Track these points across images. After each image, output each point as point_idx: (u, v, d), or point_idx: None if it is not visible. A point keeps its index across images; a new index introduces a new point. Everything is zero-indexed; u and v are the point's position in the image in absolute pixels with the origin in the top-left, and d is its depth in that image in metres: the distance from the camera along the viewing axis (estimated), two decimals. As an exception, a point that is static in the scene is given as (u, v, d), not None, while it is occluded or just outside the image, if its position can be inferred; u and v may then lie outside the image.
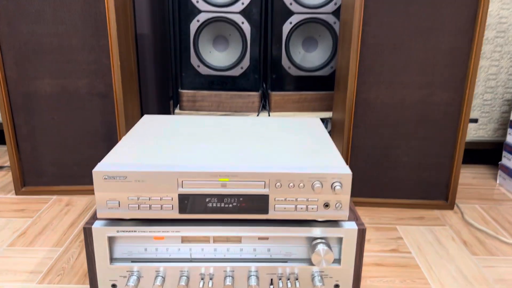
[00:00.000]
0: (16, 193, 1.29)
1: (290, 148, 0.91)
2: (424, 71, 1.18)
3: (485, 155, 1.62)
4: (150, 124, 1.06)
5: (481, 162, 1.64)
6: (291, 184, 0.80)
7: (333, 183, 0.80)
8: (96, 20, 1.18)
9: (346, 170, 0.80)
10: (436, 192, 1.28)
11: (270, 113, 1.73)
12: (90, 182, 1.31)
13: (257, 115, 1.73)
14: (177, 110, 1.75)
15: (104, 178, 0.79)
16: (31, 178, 1.30)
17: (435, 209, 1.28)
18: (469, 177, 1.52)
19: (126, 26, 1.29)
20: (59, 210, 1.22)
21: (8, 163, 1.55)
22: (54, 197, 1.30)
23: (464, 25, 1.14)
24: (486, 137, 1.54)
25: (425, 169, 1.26)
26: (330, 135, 1.69)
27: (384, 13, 1.14)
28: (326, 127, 1.84)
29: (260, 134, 1.01)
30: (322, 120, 1.87)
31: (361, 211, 1.26)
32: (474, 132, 1.54)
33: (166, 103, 2.06)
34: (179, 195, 0.80)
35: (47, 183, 1.31)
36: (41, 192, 1.30)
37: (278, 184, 0.80)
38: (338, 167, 0.82)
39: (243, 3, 1.59)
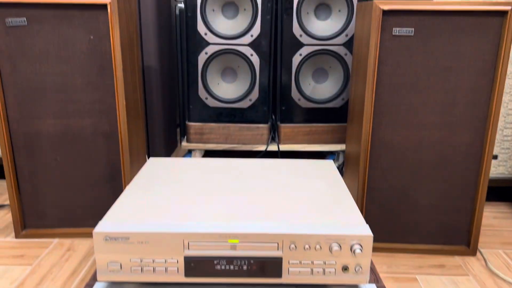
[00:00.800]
0: (16, 236, 1.24)
1: (304, 200, 0.85)
2: (443, 111, 1.12)
3: (506, 192, 1.55)
4: (156, 170, 1.01)
5: (501, 200, 1.56)
6: (307, 246, 0.74)
7: (353, 245, 0.74)
8: (102, 59, 1.14)
9: (367, 231, 0.74)
10: (457, 237, 1.21)
11: (280, 146, 1.68)
12: (93, 225, 1.26)
13: (266, 148, 1.67)
14: (184, 143, 1.71)
15: (105, 239, 0.74)
16: (32, 221, 1.25)
17: (456, 255, 1.21)
18: (489, 216, 1.44)
19: (133, 62, 1.25)
20: (60, 256, 1.16)
21: (8, 201, 1.50)
22: (56, 240, 1.24)
23: (486, 64, 1.09)
24: (506, 174, 1.47)
25: (445, 213, 1.20)
26: (343, 169, 1.64)
27: (400, 51, 1.09)
28: (338, 159, 1.78)
29: (271, 181, 0.95)
30: (333, 153, 1.81)
31: (377, 258, 1.19)
32: (494, 169, 1.47)
33: (173, 136, 2.02)
34: (185, 257, 0.74)
35: (49, 225, 1.25)
36: (42, 235, 1.25)
37: (293, 246, 0.74)
38: (358, 227, 0.75)
39: (252, 35, 1.55)
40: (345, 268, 0.75)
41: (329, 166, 1.07)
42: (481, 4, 1.05)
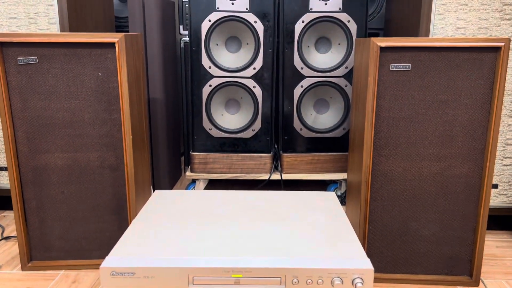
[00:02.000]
0: (22, 269, 1.26)
1: (306, 233, 0.87)
2: (442, 143, 1.15)
3: (507, 221, 1.56)
4: (161, 204, 1.03)
5: (503, 228, 1.57)
6: (309, 281, 0.75)
7: (354, 279, 0.75)
8: (109, 95, 1.18)
9: (368, 265, 0.76)
10: (460, 267, 1.22)
11: (283, 175, 1.70)
12: (98, 256, 1.27)
13: (269, 177, 1.70)
14: (188, 173, 1.73)
15: (112, 275, 0.76)
16: (38, 253, 1.27)
17: (459, 285, 1.21)
18: (492, 246, 1.45)
19: (139, 96, 1.29)
20: (65, 288, 1.18)
21: (15, 233, 1.52)
22: (61, 272, 1.26)
23: (481, 97, 1.12)
24: (507, 203, 1.48)
25: (446, 243, 1.21)
26: (345, 197, 1.65)
27: (398, 85, 1.13)
28: (340, 188, 1.80)
29: (274, 214, 0.97)
30: (336, 181, 1.83)
31: (380, 288, 1.20)
32: (495, 198, 1.48)
33: (177, 165, 2.05)
34: (190, 292, 0.76)
35: (55, 257, 1.27)
36: (48, 267, 1.26)
37: (295, 280, 0.75)
38: (359, 261, 0.77)
39: (254, 68, 1.60)
40: (347, 303, 0.76)
41: (331, 198, 1.09)
42: (475, 40, 1.09)
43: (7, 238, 1.47)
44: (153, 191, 1.37)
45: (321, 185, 1.89)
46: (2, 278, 1.23)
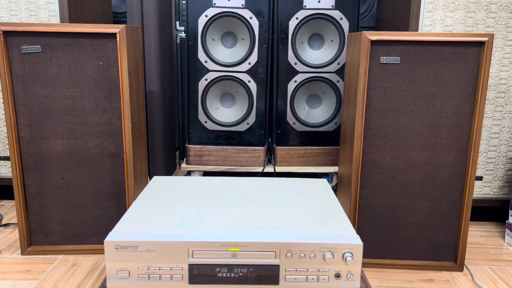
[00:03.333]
0: (22, 253, 1.29)
1: (299, 214, 0.92)
2: (428, 133, 1.21)
3: (491, 212, 1.62)
4: (160, 187, 1.07)
5: (487, 219, 1.63)
6: (302, 255, 0.80)
7: (344, 253, 0.80)
8: (110, 84, 1.22)
9: (357, 241, 0.81)
10: (445, 253, 1.27)
11: (276, 167, 1.75)
12: (97, 242, 1.31)
13: (263, 170, 1.74)
14: (183, 165, 1.77)
15: (116, 248, 0.80)
16: (38, 237, 1.30)
17: (444, 270, 1.27)
18: (476, 235, 1.51)
19: (138, 87, 1.33)
20: (65, 272, 1.21)
21: (14, 220, 1.55)
22: (61, 256, 1.29)
23: (466, 90, 1.18)
24: (491, 195, 1.55)
25: (433, 230, 1.26)
26: (337, 190, 1.70)
27: (388, 78, 1.18)
28: (332, 181, 1.85)
29: (269, 197, 1.01)
30: (328, 174, 1.88)
31: (369, 273, 1.25)
32: (480, 190, 1.54)
33: (172, 158, 2.09)
34: (189, 265, 0.80)
35: (54, 242, 1.30)
36: (47, 252, 1.30)
37: (289, 254, 0.80)
38: (349, 237, 0.82)
39: (249, 63, 1.65)
40: (337, 275, 0.81)
41: (323, 184, 1.14)
42: (460, 35, 1.15)
43: (6, 225, 1.49)
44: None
45: (313, 178, 1.93)
46: (3, 261, 1.26)
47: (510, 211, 1.45)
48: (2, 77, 1.19)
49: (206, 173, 1.86)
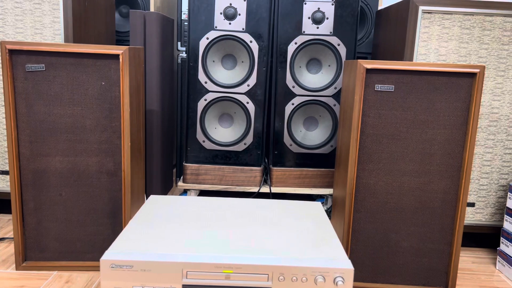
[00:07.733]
0: (17, 268, 1.29)
1: (293, 237, 0.94)
2: (421, 160, 1.23)
3: (483, 238, 1.64)
4: (156, 207, 1.09)
5: (479, 246, 1.65)
6: (294, 278, 0.82)
7: (336, 278, 0.82)
8: (111, 103, 1.25)
9: (349, 265, 0.82)
10: (436, 279, 1.29)
11: (272, 188, 1.77)
12: (92, 258, 1.31)
13: (259, 190, 1.76)
14: (180, 183, 1.79)
15: (111, 267, 0.81)
16: (33, 253, 1.31)
17: (435, 296, 1.28)
18: (468, 261, 1.52)
19: (138, 106, 1.36)
20: (58, 288, 1.22)
21: (10, 234, 1.55)
22: (55, 272, 1.29)
23: (458, 118, 1.21)
24: (483, 221, 1.57)
25: (424, 255, 1.28)
26: (331, 211, 1.72)
27: (382, 105, 1.21)
28: (326, 203, 1.87)
29: (264, 219, 1.03)
30: (323, 196, 1.90)
31: (361, 297, 1.26)
32: (472, 216, 1.56)
33: (169, 176, 2.10)
34: (183, 285, 0.81)
35: (49, 258, 1.31)
36: (42, 267, 1.30)
37: (281, 277, 0.82)
38: (341, 261, 0.84)
39: (248, 85, 1.68)
40: (328, 300, 0.82)
41: (317, 207, 1.16)
42: (453, 66, 1.19)
43: (1, 239, 1.50)
44: (146, 199, 1.42)
45: (308, 200, 1.95)
46: (-3, 276, 1.26)
47: (501, 238, 1.47)
48: (5, 94, 1.21)
49: (202, 192, 1.88)
